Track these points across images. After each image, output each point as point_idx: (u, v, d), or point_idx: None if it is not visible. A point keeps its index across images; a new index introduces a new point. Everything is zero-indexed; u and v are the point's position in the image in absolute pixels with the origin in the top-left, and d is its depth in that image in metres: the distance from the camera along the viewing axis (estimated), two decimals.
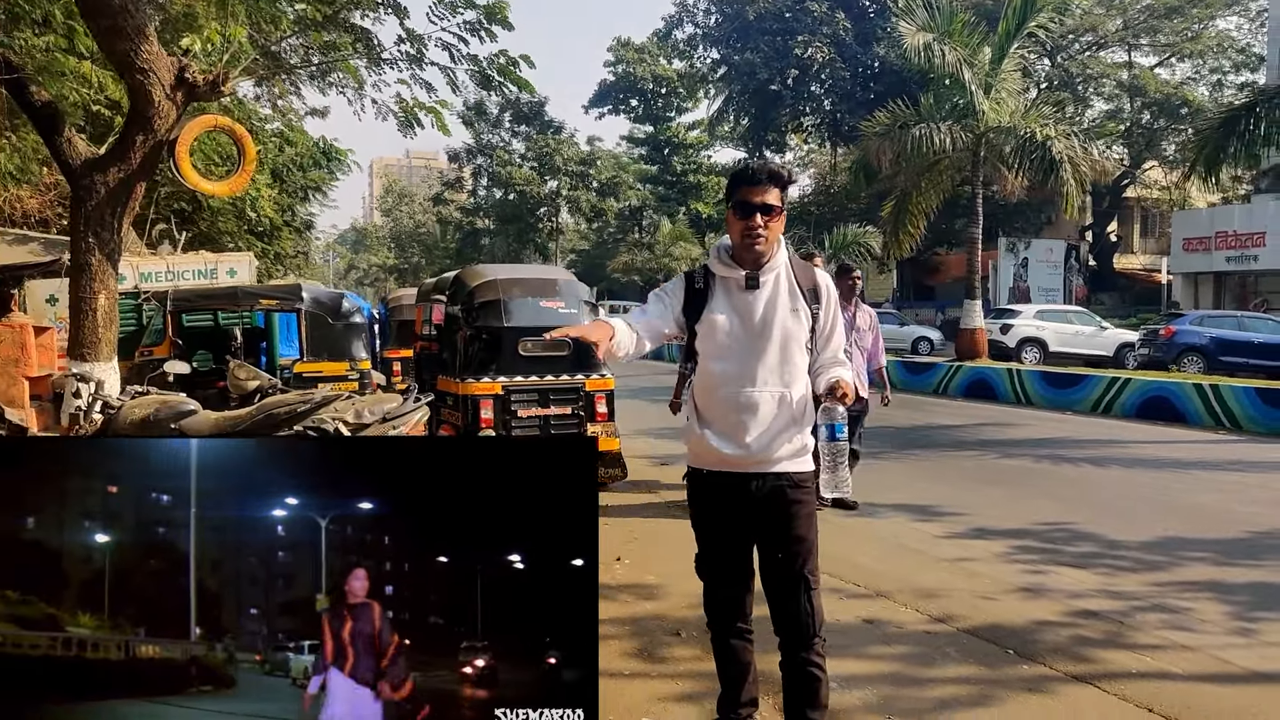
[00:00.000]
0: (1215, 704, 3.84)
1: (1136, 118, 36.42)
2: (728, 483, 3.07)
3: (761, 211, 2.99)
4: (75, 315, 8.10)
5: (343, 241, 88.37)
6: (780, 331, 3.04)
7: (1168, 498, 8.14)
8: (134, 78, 7.73)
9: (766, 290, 3.06)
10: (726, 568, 3.17)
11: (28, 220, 17.98)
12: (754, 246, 3.02)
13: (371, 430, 7.51)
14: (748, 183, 3.01)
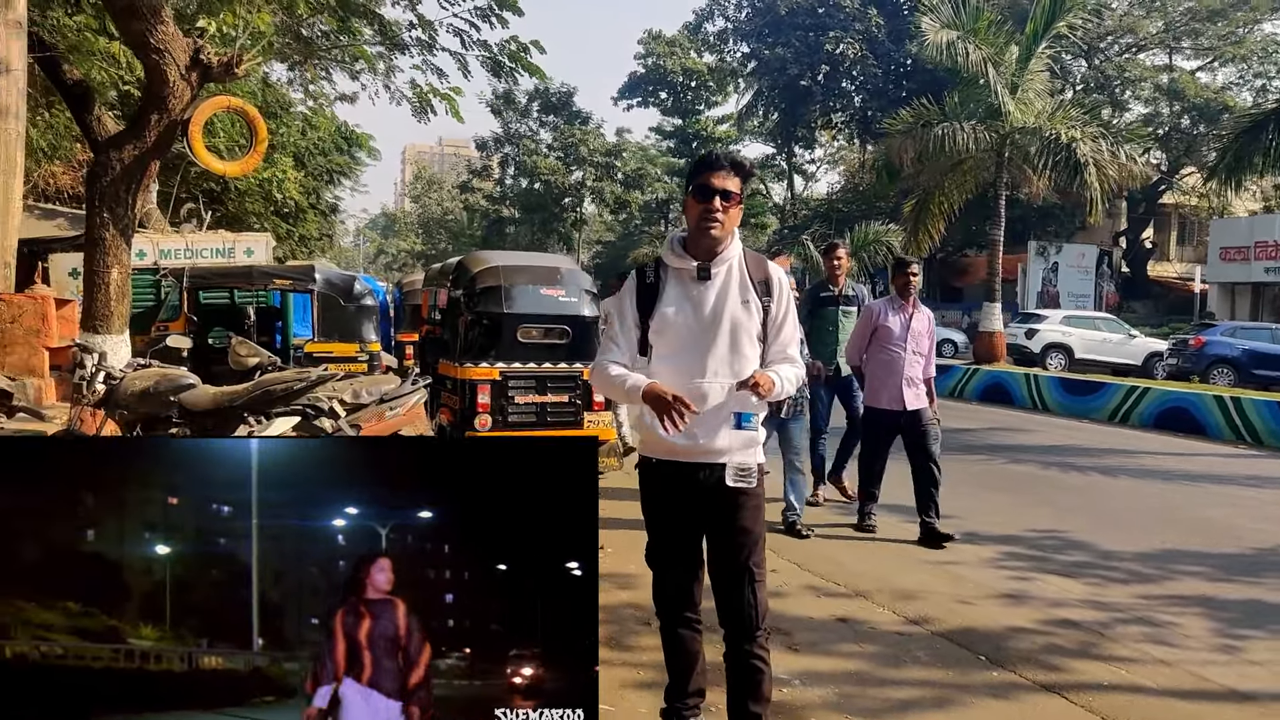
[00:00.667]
0: (1181, 719, 3.79)
1: (1175, 122, 35.78)
2: (676, 472, 3.07)
3: (721, 196, 2.99)
4: (89, 288, 8.24)
5: (373, 226, 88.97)
6: (730, 323, 3.04)
7: (1173, 510, 8.03)
8: (149, 57, 7.84)
9: (718, 281, 3.07)
10: (674, 557, 3.17)
11: (61, 195, 18.30)
12: (710, 231, 3.01)
13: (368, 411, 7.58)
14: (709, 168, 3.03)
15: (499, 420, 7.97)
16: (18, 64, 9.60)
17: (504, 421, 7.99)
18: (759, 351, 3.11)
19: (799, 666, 4.25)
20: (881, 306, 6.84)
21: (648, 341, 3.13)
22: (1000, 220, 19.30)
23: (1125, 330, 24.07)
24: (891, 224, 27.56)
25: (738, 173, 3.03)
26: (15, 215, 9.93)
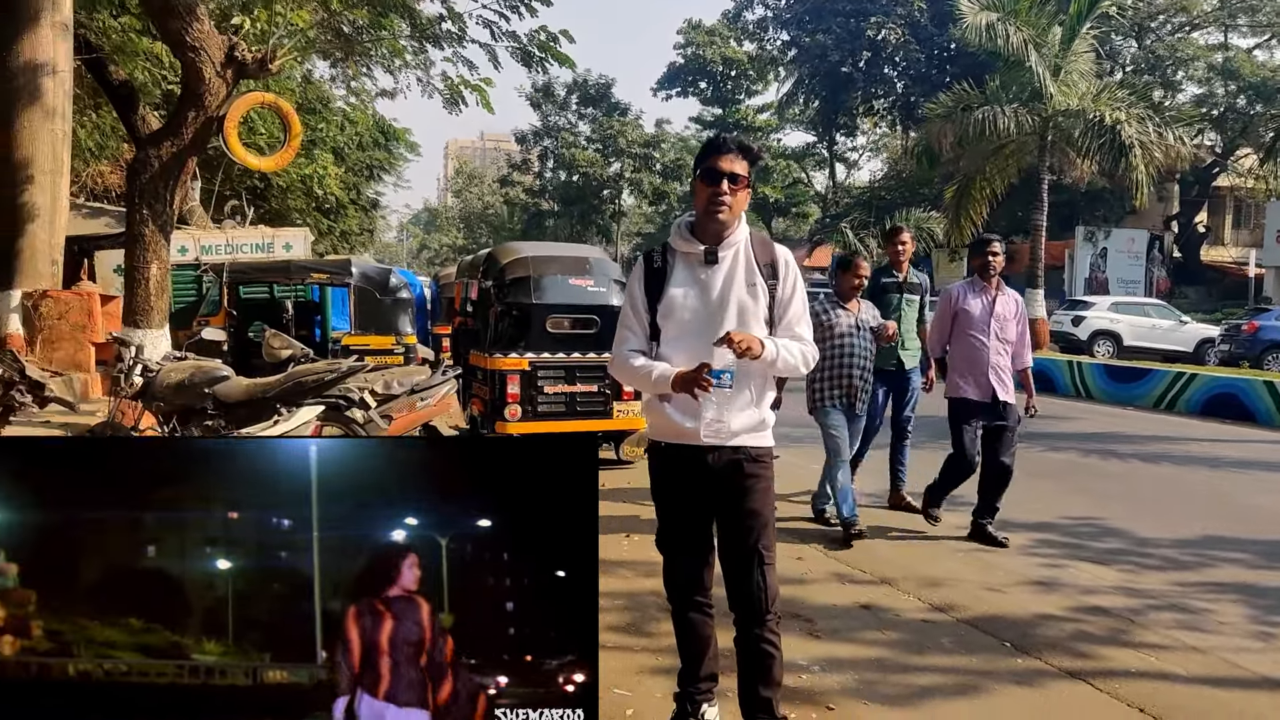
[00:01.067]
0: (1213, 707, 3.71)
1: (1230, 102, 34.81)
2: (685, 455, 3.06)
3: (729, 179, 2.98)
4: (129, 283, 8.42)
5: (416, 222, 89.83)
6: (736, 306, 3.04)
7: (1216, 497, 7.85)
8: (186, 55, 7.99)
9: (725, 266, 3.06)
10: (684, 540, 3.16)
11: (109, 194, 18.72)
12: (717, 215, 3.00)
13: (399, 401, 7.67)
14: (716, 151, 3.01)
15: (528, 411, 8.02)
16: (64, 65, 9.85)
17: (533, 412, 8.04)
18: (766, 335, 3.08)
19: (820, 653, 4.22)
20: (960, 289, 6.26)
21: (657, 326, 3.13)
22: (1043, 205, 18.97)
23: (1176, 316, 23.53)
24: (934, 211, 27.22)
25: (745, 156, 3.01)
26: (63, 213, 10.20)
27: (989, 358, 5.99)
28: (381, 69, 14.37)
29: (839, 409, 6.21)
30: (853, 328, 6.20)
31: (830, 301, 6.32)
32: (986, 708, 3.68)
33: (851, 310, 6.27)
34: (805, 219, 49.94)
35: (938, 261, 40.03)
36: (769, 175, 47.82)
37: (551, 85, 47.93)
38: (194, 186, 15.63)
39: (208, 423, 6.47)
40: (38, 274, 9.71)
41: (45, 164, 9.64)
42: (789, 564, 5.59)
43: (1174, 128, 17.64)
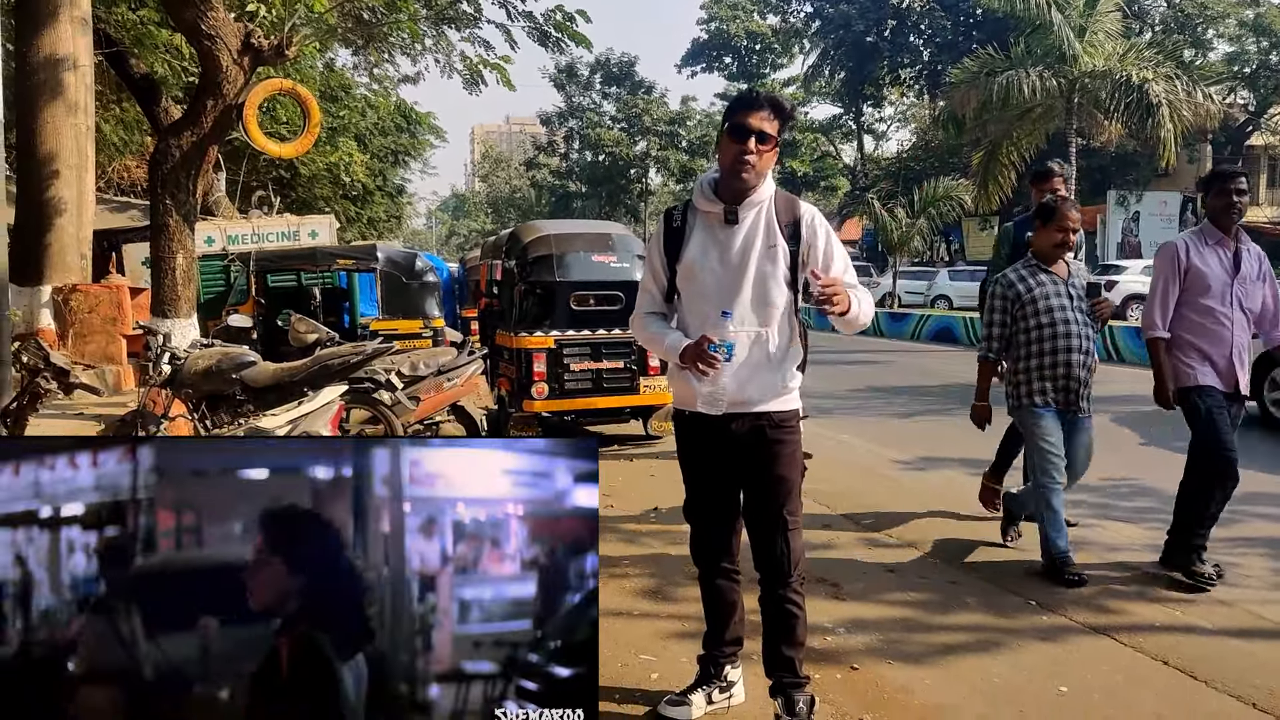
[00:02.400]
0: (1237, 659, 3.68)
1: (1263, 59, 34.04)
2: (709, 423, 3.01)
3: (757, 138, 2.85)
4: (156, 274, 8.53)
5: (444, 208, 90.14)
6: (756, 269, 2.94)
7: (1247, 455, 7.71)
8: (202, 44, 8.05)
9: (745, 226, 2.96)
10: (710, 507, 3.17)
11: (135, 188, 18.95)
12: (742, 174, 2.88)
13: (426, 383, 7.75)
14: (748, 106, 2.88)
15: (555, 389, 8.06)
16: (85, 60, 9.97)
17: (560, 390, 8.07)
18: (789, 298, 3.00)
19: (844, 615, 4.23)
20: (1187, 241, 4.65)
21: (675, 287, 3.09)
22: (1071, 169, 18.66)
23: None
24: (963, 179, 26.90)
25: (777, 114, 2.88)
26: (89, 208, 10.34)
27: (1235, 335, 4.52)
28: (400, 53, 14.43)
29: (1052, 410, 4.68)
30: (1064, 299, 4.67)
31: (1028, 266, 4.77)
32: (1010, 664, 3.68)
33: (1058, 275, 4.73)
34: (834, 192, 49.58)
35: (968, 230, 39.60)
36: (796, 149, 47.50)
37: (574, 65, 47.88)
38: (219, 178, 15.78)
39: (236, 408, 6.57)
40: (66, 268, 9.87)
41: (70, 159, 9.77)
42: (815, 531, 5.60)
43: (1203, 86, 17.28)
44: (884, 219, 26.35)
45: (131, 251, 13.58)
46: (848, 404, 11.15)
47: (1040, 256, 4.77)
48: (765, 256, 2.95)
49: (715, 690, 3.27)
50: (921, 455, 7.85)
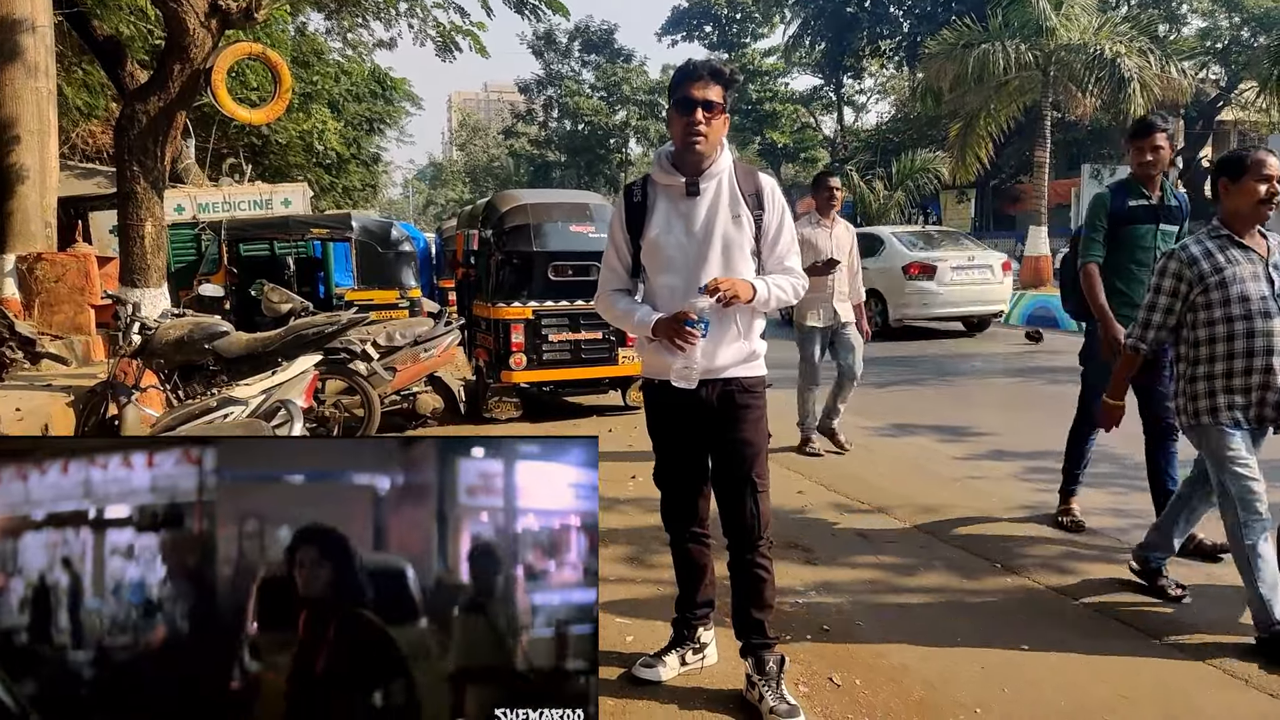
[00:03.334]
0: (1190, 618, 3.78)
1: (1235, 34, 34.19)
2: (678, 390, 3.02)
3: (703, 108, 2.89)
4: (124, 242, 8.39)
5: (421, 177, 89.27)
6: (721, 239, 2.98)
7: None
8: (168, 6, 7.87)
9: (708, 197, 2.99)
10: (680, 474, 3.21)
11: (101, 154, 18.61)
12: (695, 145, 2.92)
13: (403, 353, 7.73)
14: (689, 77, 2.92)
15: (533, 360, 8.07)
16: (44, 21, 9.73)
17: (538, 360, 8.08)
18: (754, 266, 3.05)
19: (816, 579, 4.31)
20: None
21: (640, 262, 3.11)
22: (1046, 142, 18.81)
23: None
24: (940, 151, 26.92)
25: (718, 81, 2.92)
26: (53, 174, 10.13)
27: None
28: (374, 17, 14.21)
29: (1243, 428, 3.58)
30: (1261, 280, 3.55)
31: (1213, 236, 3.64)
32: (975, 625, 3.76)
33: (1257, 251, 3.59)
34: (814, 164, 49.44)
35: (945, 202, 39.71)
36: (777, 120, 47.31)
37: (553, 32, 47.35)
38: (188, 144, 15.53)
39: (209, 378, 6.53)
40: (31, 236, 9.67)
41: (30, 124, 9.54)
42: (789, 496, 5.67)
43: (1176, 61, 17.37)
44: (863, 191, 26.37)
45: (99, 219, 13.37)
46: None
47: (1229, 223, 3.63)
48: (731, 225, 2.99)
49: (689, 652, 3.33)
50: (894, 423, 7.94)
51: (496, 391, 8.16)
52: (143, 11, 11.66)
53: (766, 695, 3.00)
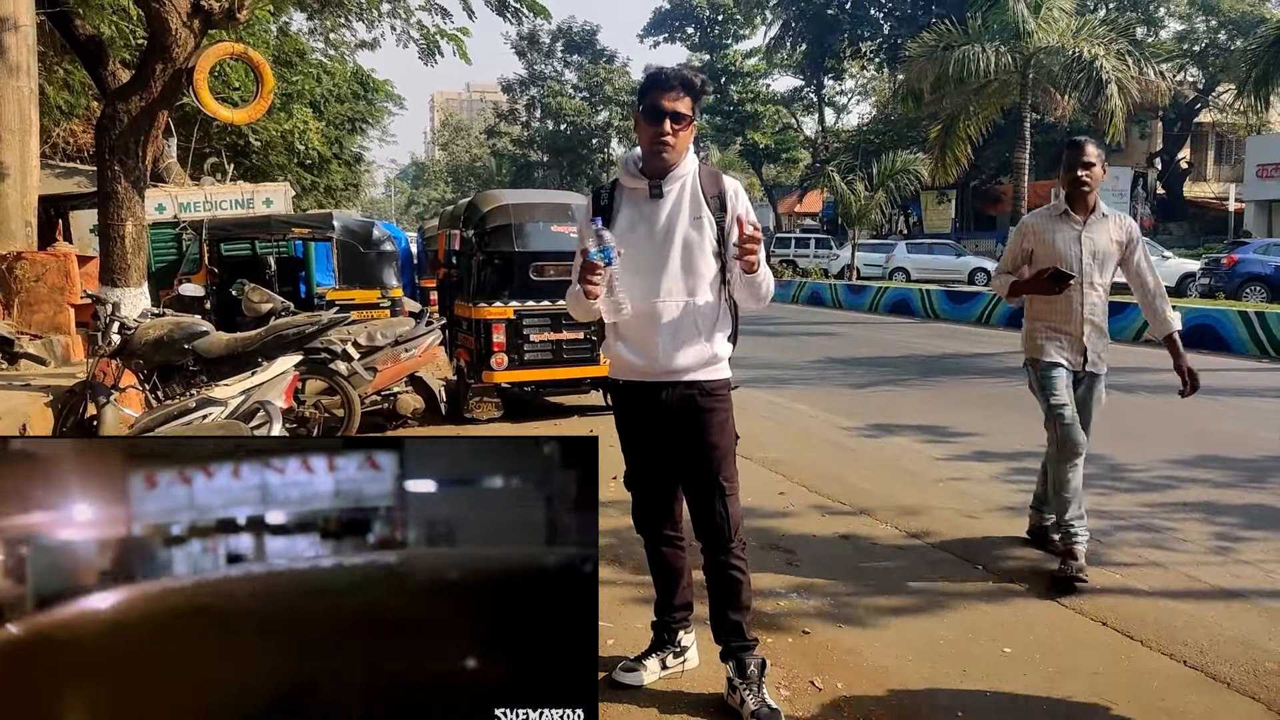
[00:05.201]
0: (1171, 619, 3.82)
1: (1212, 37, 34.57)
2: (641, 392, 3.08)
3: (671, 119, 2.92)
4: (104, 242, 8.34)
5: (404, 177, 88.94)
6: (682, 240, 3.01)
7: (1187, 423, 7.97)
8: (150, 6, 7.85)
9: (670, 199, 3.03)
10: (649, 477, 3.22)
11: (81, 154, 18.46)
12: (661, 154, 2.96)
13: (383, 353, 7.71)
14: (660, 87, 2.93)
15: (515, 360, 8.06)
16: (26, 20, 9.66)
17: (520, 360, 8.08)
18: (716, 268, 3.05)
19: (797, 582, 4.32)
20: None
21: None
22: (1025, 144, 18.95)
23: (1159, 252, 23.57)
24: (920, 153, 27.06)
25: (689, 92, 2.95)
26: (34, 173, 10.06)
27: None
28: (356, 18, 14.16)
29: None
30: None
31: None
32: (956, 626, 3.79)
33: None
34: (795, 164, 49.63)
35: (926, 203, 39.95)
36: (758, 121, 47.43)
37: (536, 33, 47.29)
38: (170, 143, 15.42)
39: (188, 378, 6.49)
40: (11, 235, 9.60)
41: (12, 123, 9.48)
42: (771, 498, 5.69)
43: (1153, 63, 17.56)
44: (844, 192, 26.47)
45: (79, 219, 13.27)
46: (806, 374, 11.28)
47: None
48: (692, 227, 3.02)
49: (669, 655, 3.34)
50: (877, 424, 7.98)
51: (478, 391, 8.15)
52: (125, 11, 11.57)
53: (748, 699, 3.01)
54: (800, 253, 36.73)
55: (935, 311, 19.46)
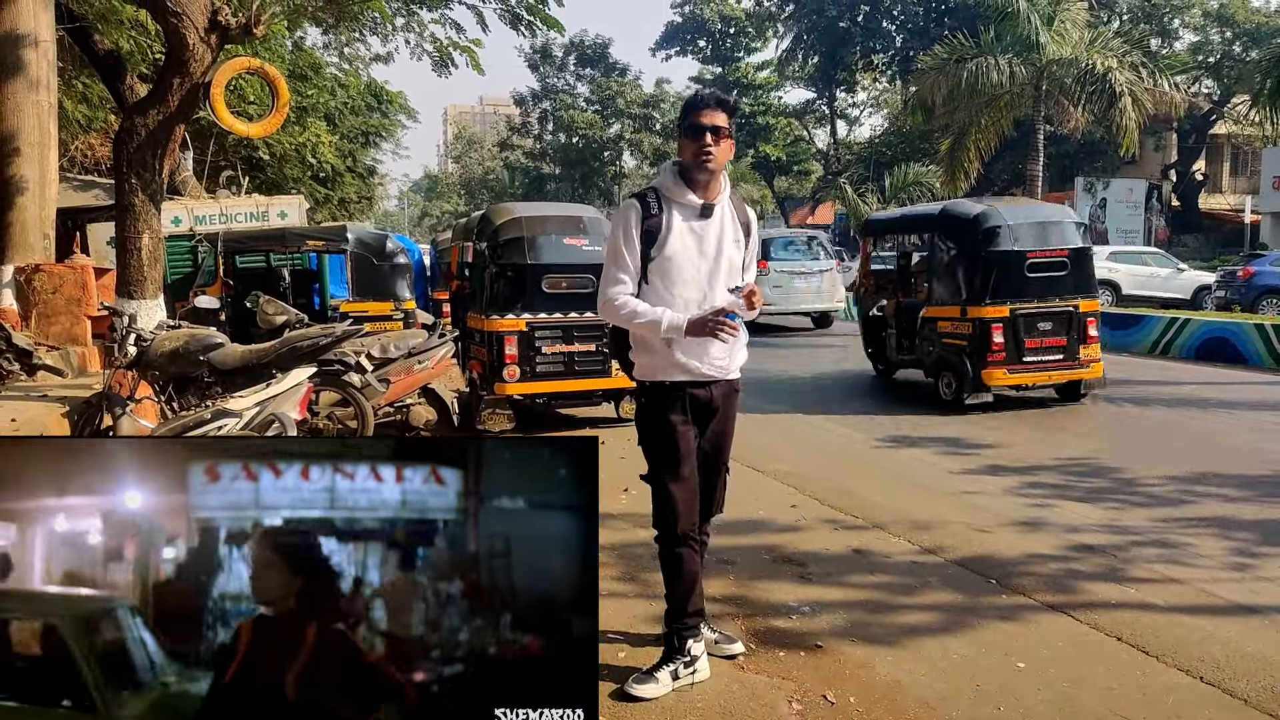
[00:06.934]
0: (1186, 634, 3.79)
1: (1227, 49, 34.43)
2: (688, 391, 3.36)
3: (711, 132, 3.22)
4: (121, 254, 8.40)
5: (417, 189, 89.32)
6: (727, 260, 3.35)
7: (1202, 436, 7.91)
8: (168, 20, 7.91)
9: (716, 220, 3.34)
10: (685, 473, 3.36)
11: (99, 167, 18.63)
12: (707, 165, 3.24)
13: (397, 365, 7.74)
14: (697, 108, 3.25)
15: (527, 371, 8.08)
16: (47, 36, 9.78)
17: (532, 372, 8.10)
18: None
19: (809, 595, 4.31)
20: None
21: (647, 272, 3.32)
22: (1038, 156, 18.90)
23: (1174, 264, 23.45)
24: (932, 165, 27.04)
25: (724, 109, 3.26)
26: (52, 186, 10.16)
27: None
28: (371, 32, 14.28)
29: None
30: None
31: None
32: (969, 641, 3.77)
33: None
34: (807, 176, 49.60)
35: None
36: (770, 134, 47.44)
37: (549, 46, 47.55)
38: (186, 157, 15.56)
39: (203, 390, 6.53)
40: (29, 248, 9.69)
41: (31, 136, 9.59)
42: (783, 511, 5.69)
43: (1167, 75, 17.52)
44: (856, 204, 26.46)
45: (96, 231, 13.37)
46: (817, 387, 11.26)
47: None
48: (734, 248, 3.38)
49: (680, 665, 3.36)
50: (888, 436, 7.96)
51: (490, 403, 8.17)
52: (143, 26, 11.70)
53: (705, 632, 3.52)
54: None
55: None
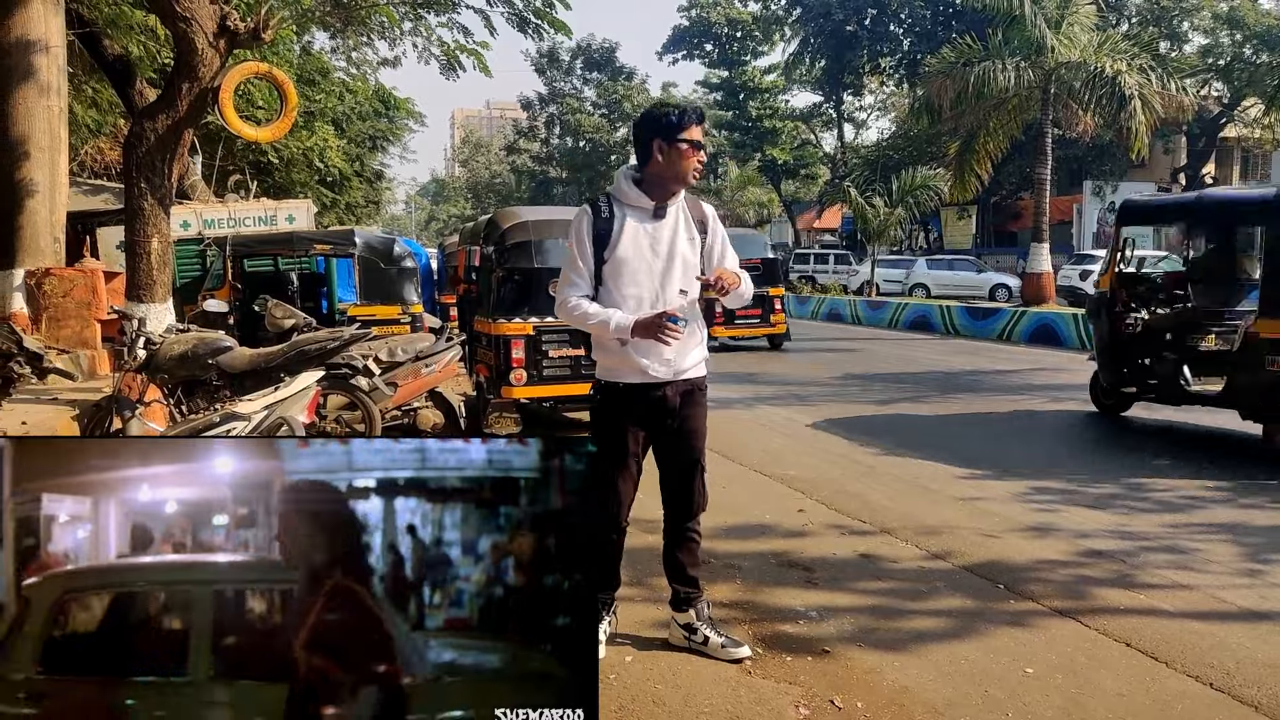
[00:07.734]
0: (1196, 640, 3.77)
1: (1237, 52, 34.31)
2: (643, 392, 3.43)
3: (698, 147, 3.38)
4: (130, 258, 8.44)
5: (424, 194, 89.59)
6: (681, 259, 3.41)
7: (1212, 442, 7.88)
8: (177, 26, 7.95)
9: (669, 221, 3.42)
10: (626, 469, 3.51)
11: (109, 171, 18.73)
12: (695, 178, 3.40)
13: (404, 368, 7.76)
14: (685, 125, 3.34)
15: (534, 375, 8.08)
16: (57, 41, 9.84)
17: (539, 376, 8.09)
18: (699, 284, 3.42)
19: (817, 601, 4.30)
20: None
21: (601, 274, 3.41)
22: (1047, 159, 18.85)
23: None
24: (940, 168, 27.00)
25: (702, 121, 3.43)
26: (62, 190, 10.22)
27: None
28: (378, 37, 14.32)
29: None
30: None
31: None
32: (978, 647, 3.75)
33: None
34: (814, 180, 49.57)
35: (946, 219, 39.84)
36: (777, 137, 47.43)
37: (556, 50, 47.67)
38: (195, 161, 15.62)
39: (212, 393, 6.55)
40: (40, 252, 9.75)
41: (42, 141, 9.65)
42: (789, 515, 5.67)
43: (1177, 78, 17.46)
44: (863, 207, 26.43)
45: (106, 235, 13.43)
46: (825, 391, 11.24)
47: None
48: (687, 246, 3.45)
49: None
50: (897, 441, 7.94)
51: (497, 407, 8.18)
52: (153, 31, 11.77)
53: (711, 636, 3.59)
54: (819, 269, 36.67)
55: (956, 328, 19.37)
